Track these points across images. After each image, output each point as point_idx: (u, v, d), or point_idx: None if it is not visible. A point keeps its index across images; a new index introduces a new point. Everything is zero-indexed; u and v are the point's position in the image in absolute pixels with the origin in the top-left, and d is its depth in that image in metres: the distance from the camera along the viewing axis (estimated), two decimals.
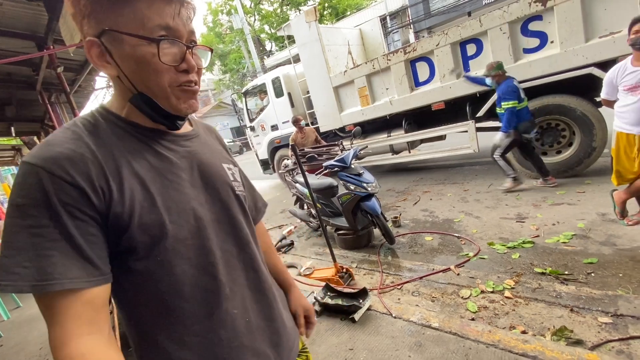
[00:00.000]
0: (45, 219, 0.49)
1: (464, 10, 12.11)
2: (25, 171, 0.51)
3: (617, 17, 3.37)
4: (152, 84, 0.58)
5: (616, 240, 2.67)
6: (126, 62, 0.56)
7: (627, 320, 1.89)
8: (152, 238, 0.57)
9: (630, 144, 2.64)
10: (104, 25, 0.54)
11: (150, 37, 0.55)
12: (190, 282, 0.61)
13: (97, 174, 0.53)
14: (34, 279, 0.48)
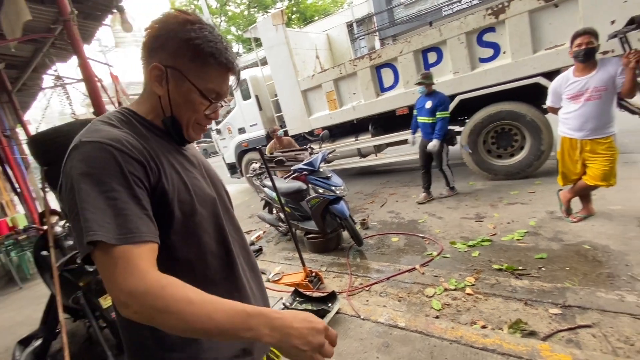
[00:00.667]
0: (118, 185, 0.60)
1: (425, 20, 12.69)
2: (94, 147, 0.62)
3: (561, 31, 3.69)
4: (185, 117, 0.77)
5: (563, 236, 2.89)
6: (177, 95, 0.74)
7: (575, 310, 2.05)
8: (186, 213, 0.72)
9: (573, 148, 2.89)
10: (178, 66, 0.72)
11: (208, 98, 0.75)
12: (212, 251, 0.78)
13: (149, 156, 0.68)
14: (117, 233, 0.58)
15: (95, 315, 2.26)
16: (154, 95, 0.76)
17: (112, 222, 0.58)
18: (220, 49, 0.72)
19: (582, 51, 2.57)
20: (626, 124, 4.15)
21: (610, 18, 3.43)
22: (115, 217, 0.58)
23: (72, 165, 0.61)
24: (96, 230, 0.56)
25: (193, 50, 0.71)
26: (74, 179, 0.60)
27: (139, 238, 0.59)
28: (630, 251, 2.47)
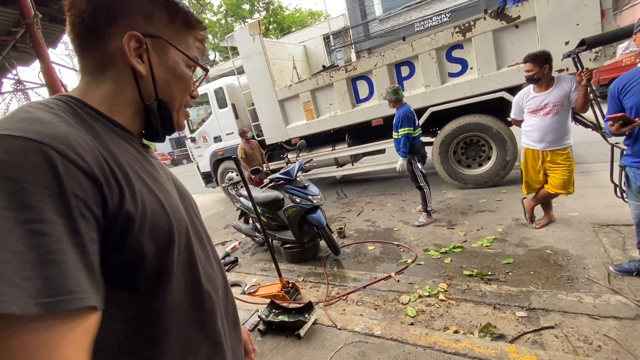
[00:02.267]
0: (52, 212, 0.37)
1: (399, 35, 13.22)
2: (21, 147, 0.38)
3: (521, 49, 3.96)
4: (176, 96, 0.62)
5: (527, 242, 3.05)
6: (162, 70, 0.58)
7: (539, 312, 2.16)
8: (161, 245, 0.50)
9: (535, 158, 3.08)
10: (159, 32, 0.57)
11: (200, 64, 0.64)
12: (186, 298, 0.55)
13: (107, 168, 0.45)
14: (43, 294, 0.34)
15: None
16: (120, 79, 0.55)
17: (35, 275, 0.34)
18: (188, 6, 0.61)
19: (527, 78, 2.89)
20: (581, 136, 4.49)
21: (565, 39, 3.73)
22: (41, 266, 0.35)
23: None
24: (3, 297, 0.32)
25: (170, 9, 0.57)
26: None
27: (79, 302, 0.36)
28: (587, 255, 2.64)
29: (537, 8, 3.79)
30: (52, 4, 2.94)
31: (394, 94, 3.83)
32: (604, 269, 2.42)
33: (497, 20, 4.02)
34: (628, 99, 2.02)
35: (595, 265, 2.49)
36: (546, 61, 2.76)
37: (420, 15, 13.11)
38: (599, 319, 1.99)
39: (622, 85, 2.05)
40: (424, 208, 4.02)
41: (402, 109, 3.81)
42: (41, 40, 1.89)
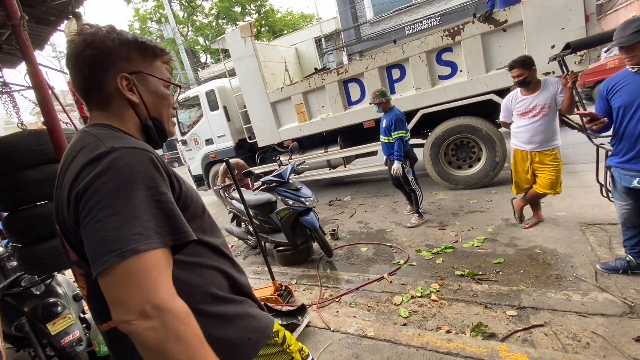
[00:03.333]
0: (163, 187, 0.63)
1: (390, 38, 13.34)
2: (131, 153, 0.62)
3: (509, 53, 4.03)
4: (164, 112, 0.83)
5: (517, 242, 3.10)
6: (149, 95, 0.79)
7: (529, 311, 2.19)
8: (199, 212, 0.80)
9: (524, 159, 3.14)
10: (138, 68, 0.76)
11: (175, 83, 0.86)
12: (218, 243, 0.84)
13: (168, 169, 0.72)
14: (170, 235, 0.61)
15: (42, 344, 2.05)
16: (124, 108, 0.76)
17: (165, 226, 0.60)
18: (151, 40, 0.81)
19: (516, 82, 2.94)
20: (568, 137, 4.58)
21: (551, 43, 3.82)
22: (167, 219, 0.61)
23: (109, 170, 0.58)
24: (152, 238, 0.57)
25: (139, 48, 0.76)
26: (115, 186, 0.57)
27: (190, 236, 0.64)
28: (575, 254, 2.70)
29: (524, 12, 3.87)
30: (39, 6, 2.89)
31: (382, 96, 3.82)
32: (591, 267, 2.48)
33: (485, 24, 4.09)
34: (616, 99, 2.08)
35: (582, 264, 2.54)
36: (532, 64, 2.84)
37: (411, 19, 13.26)
38: (587, 316, 2.03)
39: (612, 86, 2.11)
40: (415, 210, 4.03)
41: (392, 112, 3.81)
42: (27, 42, 1.86)
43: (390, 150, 3.90)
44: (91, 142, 0.66)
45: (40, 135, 2.02)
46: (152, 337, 0.53)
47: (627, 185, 2.13)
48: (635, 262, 2.28)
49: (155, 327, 0.53)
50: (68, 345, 2.02)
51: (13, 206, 2.09)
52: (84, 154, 0.63)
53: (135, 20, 21.47)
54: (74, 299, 2.26)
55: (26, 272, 2.21)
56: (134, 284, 0.54)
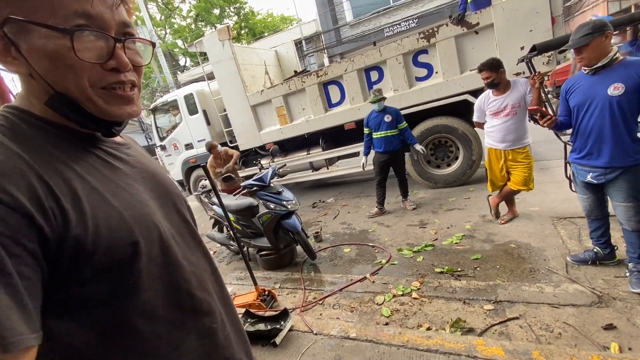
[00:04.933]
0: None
1: (370, 40, 13.51)
2: None
3: (482, 54, 4.15)
4: (71, 84, 0.48)
5: (493, 237, 3.19)
6: (37, 57, 0.46)
7: (505, 304, 2.26)
8: (124, 259, 0.49)
9: (498, 158, 3.24)
10: (7, 11, 0.43)
11: (61, 28, 0.44)
12: (164, 303, 0.55)
13: (45, 193, 0.43)
14: None
15: None
16: (28, 80, 0.49)
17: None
18: None
19: (486, 85, 3.07)
20: (539, 135, 4.76)
21: (520, 44, 3.96)
22: None
23: None
24: None
25: None
26: None
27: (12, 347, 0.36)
28: (547, 247, 2.80)
29: (495, 15, 4.00)
30: None
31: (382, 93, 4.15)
32: (562, 259, 2.58)
33: (458, 27, 4.21)
34: (572, 99, 2.19)
35: (554, 257, 2.65)
36: (499, 66, 2.95)
37: (390, 21, 13.48)
38: (558, 307, 2.12)
39: (569, 86, 2.22)
40: (405, 196, 4.47)
41: (391, 108, 4.18)
42: None
43: (396, 142, 4.20)
44: None
45: None
46: None
47: (583, 179, 2.25)
48: (602, 253, 2.39)
49: None
50: None
51: None
52: None
53: None
54: None
55: None
56: None
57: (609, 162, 2.06)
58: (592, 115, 2.09)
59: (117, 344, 0.50)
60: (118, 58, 0.50)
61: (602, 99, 2.02)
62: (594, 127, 2.09)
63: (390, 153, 4.23)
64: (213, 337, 0.62)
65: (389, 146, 4.20)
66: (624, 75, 1.93)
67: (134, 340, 0.51)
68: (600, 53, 1.96)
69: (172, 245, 0.58)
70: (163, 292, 0.55)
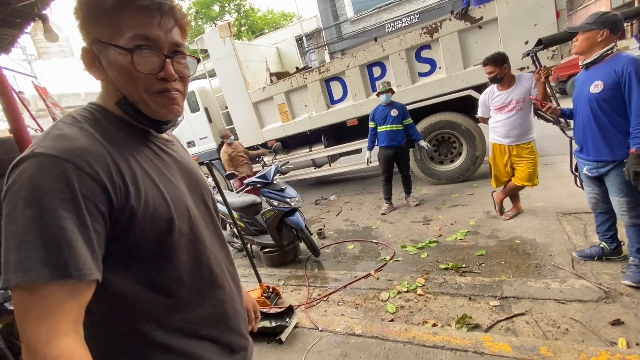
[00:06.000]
0: (66, 211, 0.51)
1: (371, 36, 13.43)
2: (45, 162, 0.52)
3: (485, 49, 4.11)
4: (130, 90, 0.63)
5: (498, 233, 3.18)
6: (110, 69, 0.62)
7: (510, 300, 2.25)
8: (162, 230, 0.63)
9: (502, 153, 3.22)
10: (94, 35, 0.61)
11: (124, 47, 0.60)
12: (189, 271, 0.68)
13: (115, 171, 0.58)
14: (60, 269, 0.49)
15: None
16: (105, 86, 0.66)
17: (56, 257, 0.49)
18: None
19: (491, 79, 3.03)
20: (543, 130, 4.73)
21: (524, 39, 3.93)
22: (60, 249, 0.50)
23: (16, 182, 0.51)
24: (34, 269, 0.48)
25: (96, 7, 0.59)
26: (17, 201, 0.50)
27: (87, 276, 0.51)
28: (553, 243, 2.79)
29: (498, 9, 3.96)
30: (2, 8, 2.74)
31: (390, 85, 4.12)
32: (568, 255, 2.57)
33: (461, 21, 4.17)
34: (574, 93, 2.21)
35: (560, 252, 2.63)
36: (504, 61, 2.92)
37: (391, 17, 13.40)
38: (565, 303, 2.11)
39: (576, 79, 2.23)
40: (408, 192, 4.49)
41: (397, 102, 4.17)
42: None
43: (400, 137, 4.18)
44: (43, 133, 0.59)
45: (7, 144, 1.93)
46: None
47: (582, 172, 2.27)
48: (608, 249, 2.37)
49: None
50: None
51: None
52: None
53: None
54: None
55: None
56: (19, 316, 0.50)
57: (596, 156, 2.09)
58: (582, 112, 2.12)
59: (151, 299, 0.64)
60: (166, 70, 0.64)
61: (585, 96, 2.06)
62: (582, 122, 2.13)
63: (394, 148, 4.20)
64: (222, 307, 0.75)
65: (393, 141, 4.17)
66: (605, 72, 1.94)
67: (164, 299, 0.65)
68: (590, 46, 1.97)
69: (198, 226, 0.71)
70: (189, 262, 0.68)
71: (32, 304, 0.49)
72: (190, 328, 0.68)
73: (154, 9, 0.61)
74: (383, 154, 4.32)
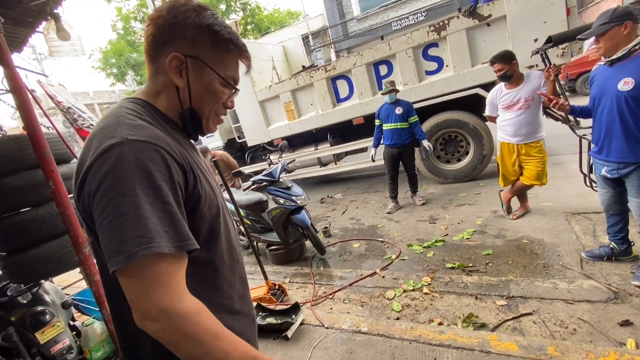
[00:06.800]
0: (169, 190, 0.59)
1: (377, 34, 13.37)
2: (145, 148, 0.59)
3: (494, 47, 4.08)
4: (207, 108, 0.76)
5: (505, 233, 3.16)
6: (198, 85, 0.72)
7: (518, 300, 2.24)
8: (214, 215, 0.73)
9: (510, 152, 3.19)
10: (199, 55, 0.71)
11: (233, 85, 0.77)
12: (227, 251, 0.80)
13: (185, 161, 0.66)
14: (176, 240, 0.58)
15: (31, 353, 2.01)
16: (169, 88, 0.73)
17: (170, 230, 0.57)
18: (235, 34, 0.74)
19: (499, 77, 2.99)
20: (552, 129, 4.68)
21: (533, 36, 3.88)
22: (172, 224, 0.58)
23: (119, 166, 0.56)
24: (157, 241, 0.55)
25: (213, 37, 0.71)
26: (126, 181, 0.55)
27: (193, 245, 0.60)
28: (561, 243, 2.76)
29: (507, 6, 3.92)
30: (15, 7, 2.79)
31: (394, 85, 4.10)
32: (577, 255, 2.54)
33: (469, 19, 4.14)
34: (591, 90, 2.16)
35: (568, 252, 2.61)
36: (512, 58, 2.89)
37: (397, 15, 13.32)
38: (573, 303, 2.09)
39: (592, 77, 2.20)
40: (414, 191, 4.46)
41: (403, 100, 4.14)
42: (4, 44, 1.80)
43: (405, 136, 4.15)
44: (111, 123, 0.63)
45: (21, 141, 1.97)
46: (163, 337, 0.56)
47: (600, 173, 2.22)
48: (618, 249, 2.35)
49: (164, 329, 0.55)
50: (58, 353, 1.99)
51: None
52: (99, 139, 0.60)
53: (119, 20, 21.05)
54: (62, 307, 2.21)
55: (12, 281, 2.15)
56: (142, 287, 0.55)
57: (618, 157, 2.03)
58: (604, 110, 2.06)
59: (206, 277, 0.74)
60: (232, 103, 0.82)
61: (612, 93, 1.97)
62: (605, 121, 2.06)
63: (399, 146, 4.19)
64: (245, 282, 0.89)
65: (398, 139, 4.15)
66: (636, 69, 1.86)
67: (214, 276, 0.76)
68: (617, 44, 1.90)
69: (226, 214, 0.84)
70: (226, 243, 0.79)
71: (157, 273, 0.55)
72: (230, 303, 0.79)
73: (245, 53, 0.78)
74: (388, 152, 4.31)
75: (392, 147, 4.23)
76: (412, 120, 4.13)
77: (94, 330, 2.12)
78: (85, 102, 25.58)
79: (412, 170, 4.36)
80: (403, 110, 4.07)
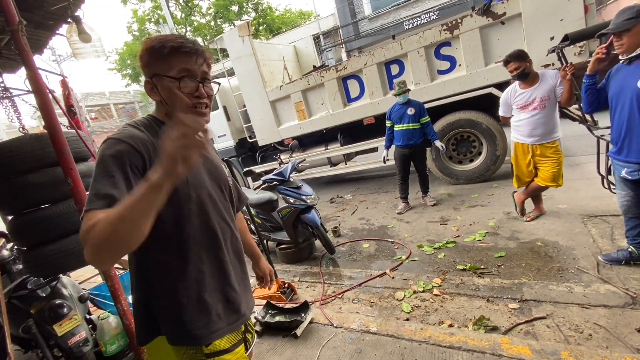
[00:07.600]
0: (117, 168, 0.81)
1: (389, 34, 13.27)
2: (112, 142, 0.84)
3: (508, 45, 4.00)
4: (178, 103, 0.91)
5: (519, 235, 3.10)
6: (164, 92, 0.91)
7: (531, 304, 2.19)
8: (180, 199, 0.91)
9: (525, 152, 3.13)
10: (154, 71, 0.90)
11: (175, 77, 0.89)
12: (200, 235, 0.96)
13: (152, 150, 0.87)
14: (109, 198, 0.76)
15: (49, 345, 2.08)
16: (157, 102, 0.97)
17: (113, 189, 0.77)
18: (175, 39, 0.89)
19: (515, 76, 2.92)
20: (568, 129, 4.56)
21: (550, 34, 3.79)
22: (113, 187, 0.78)
23: (98, 154, 0.84)
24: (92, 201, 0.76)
25: (153, 54, 0.89)
26: (97, 163, 0.82)
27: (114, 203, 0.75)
28: (576, 246, 2.69)
29: (522, 4, 3.84)
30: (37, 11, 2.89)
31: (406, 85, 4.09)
32: (593, 259, 2.47)
33: (483, 17, 4.07)
34: (609, 89, 2.12)
35: (584, 256, 2.54)
36: (527, 57, 2.84)
37: (409, 14, 13.19)
38: (589, 308, 2.04)
39: (611, 74, 2.15)
40: (425, 192, 4.45)
41: (414, 101, 4.12)
42: (26, 47, 1.86)
43: (417, 136, 4.13)
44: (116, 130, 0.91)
45: (42, 139, 2.04)
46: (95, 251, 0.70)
47: (619, 174, 2.15)
48: (637, 253, 2.28)
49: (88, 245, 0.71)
50: (75, 346, 2.05)
51: (17, 210, 2.12)
52: None
53: (134, 22, 21.48)
54: (79, 300, 2.28)
55: (32, 275, 2.23)
56: None
57: (639, 157, 1.97)
58: (622, 108, 2.00)
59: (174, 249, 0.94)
60: (199, 91, 0.92)
61: (631, 91, 1.93)
62: (623, 120, 2.01)
63: (410, 147, 4.16)
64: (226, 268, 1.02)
65: (410, 140, 4.13)
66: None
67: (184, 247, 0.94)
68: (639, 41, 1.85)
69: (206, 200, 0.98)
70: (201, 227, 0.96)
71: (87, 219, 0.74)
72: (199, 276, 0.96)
73: (192, 52, 0.89)
74: (399, 152, 4.28)
75: (404, 148, 4.20)
76: (423, 121, 4.10)
77: (109, 324, 2.17)
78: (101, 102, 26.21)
79: (423, 170, 4.34)
80: (415, 111, 4.05)
